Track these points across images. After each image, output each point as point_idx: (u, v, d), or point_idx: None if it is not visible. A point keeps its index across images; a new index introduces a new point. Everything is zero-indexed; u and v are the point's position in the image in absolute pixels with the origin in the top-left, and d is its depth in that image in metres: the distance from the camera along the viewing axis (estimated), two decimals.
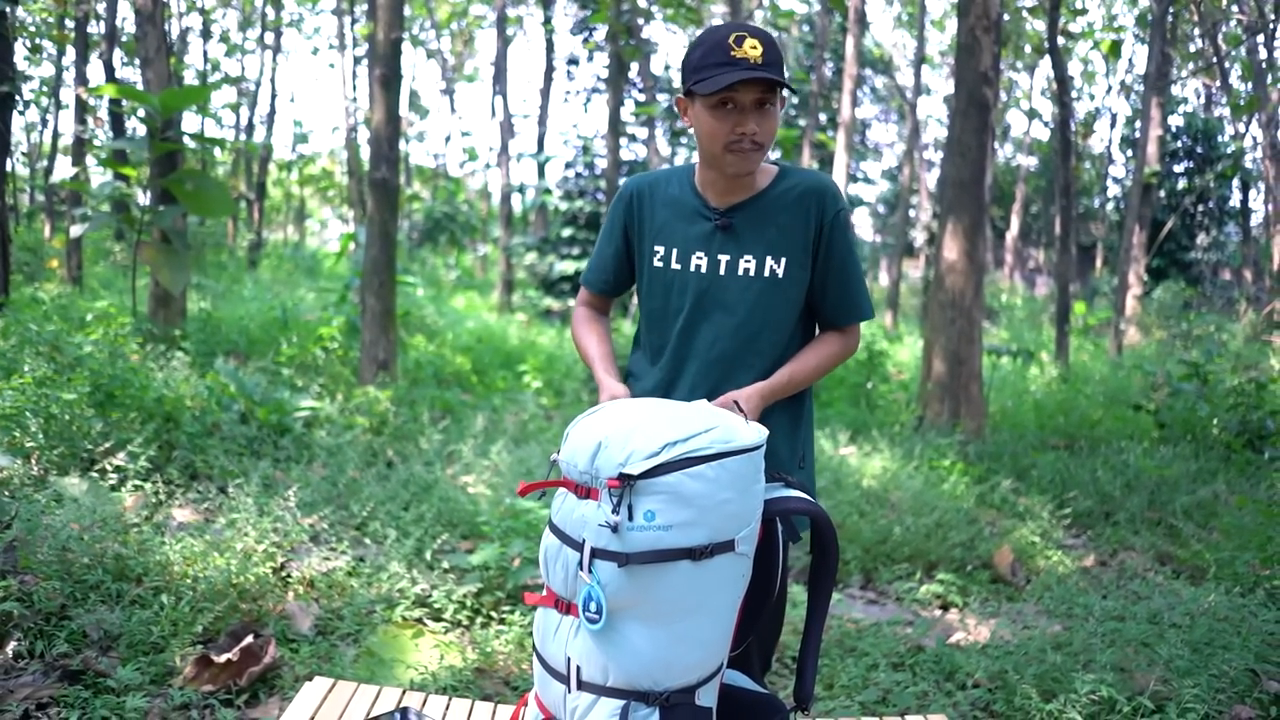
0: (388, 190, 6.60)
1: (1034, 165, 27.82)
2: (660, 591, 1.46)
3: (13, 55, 6.83)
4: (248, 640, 2.72)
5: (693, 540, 1.45)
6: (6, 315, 5.50)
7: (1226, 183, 19.46)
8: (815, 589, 1.75)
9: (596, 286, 2.10)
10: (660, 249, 1.95)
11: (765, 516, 1.60)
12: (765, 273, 1.88)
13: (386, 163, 6.61)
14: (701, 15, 14.08)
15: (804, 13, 21.85)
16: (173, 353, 5.83)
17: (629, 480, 1.43)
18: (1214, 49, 14.98)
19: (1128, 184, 20.27)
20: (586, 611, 1.46)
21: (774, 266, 1.88)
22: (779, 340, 1.93)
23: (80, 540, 2.98)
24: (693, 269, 1.91)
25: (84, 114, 13.12)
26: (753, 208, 1.90)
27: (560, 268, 15.20)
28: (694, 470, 1.45)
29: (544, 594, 1.59)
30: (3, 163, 6.47)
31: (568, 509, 1.53)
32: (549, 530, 1.58)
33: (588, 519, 1.47)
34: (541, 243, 16.36)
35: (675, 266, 1.93)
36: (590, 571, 1.46)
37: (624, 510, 1.43)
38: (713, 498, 1.46)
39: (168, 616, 2.79)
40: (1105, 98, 26.97)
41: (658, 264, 1.96)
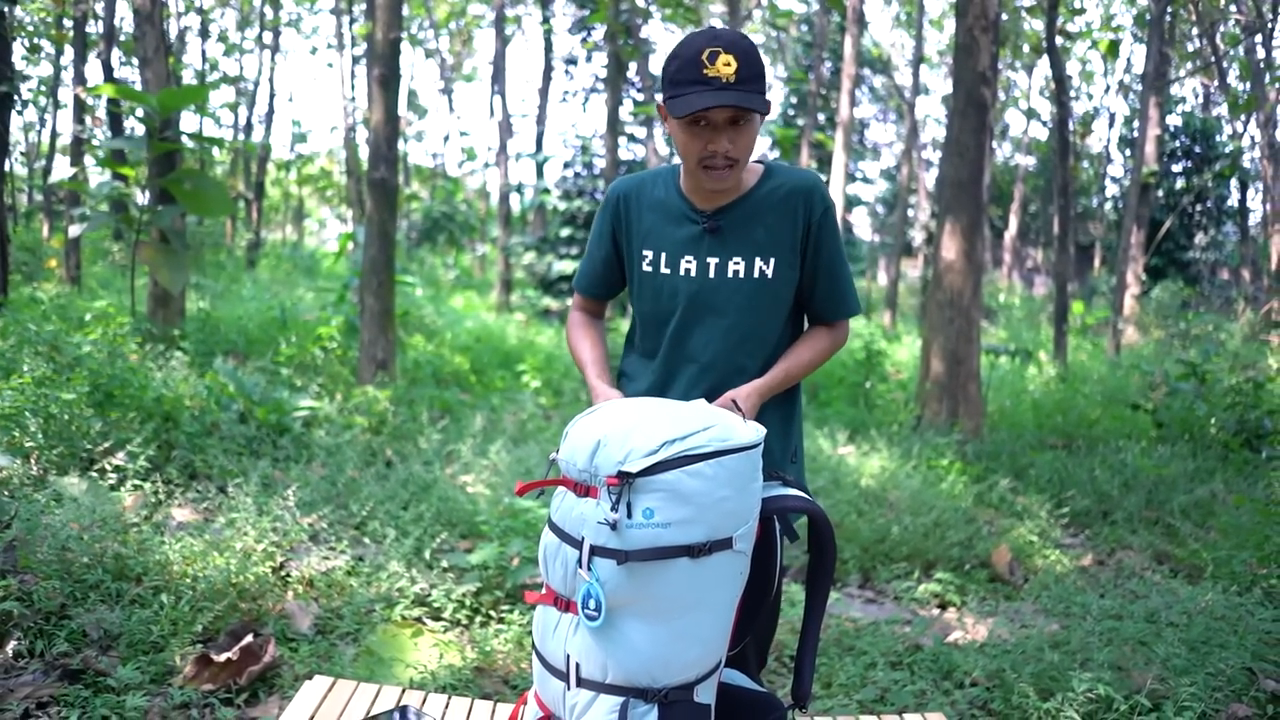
0: (386, 190, 6.60)
1: (1032, 165, 27.85)
2: (659, 589, 1.47)
3: (11, 55, 6.82)
4: (247, 639, 2.72)
5: (691, 538, 1.46)
6: (5, 315, 5.49)
7: (1224, 182, 19.47)
8: (813, 587, 1.76)
9: (589, 291, 2.11)
10: (649, 253, 1.95)
11: (763, 515, 1.61)
12: (755, 274, 1.89)
13: (385, 162, 6.61)
14: (700, 15, 14.08)
15: (802, 12, 21.88)
16: (171, 352, 5.84)
17: (628, 478, 1.44)
18: (1212, 48, 15.00)
19: (1126, 183, 20.26)
20: (585, 609, 1.47)
21: (763, 267, 1.89)
22: (770, 339, 1.93)
23: (80, 540, 2.98)
24: (682, 273, 1.91)
25: (82, 114, 13.11)
26: (740, 209, 1.89)
27: (559, 267, 15.21)
28: (692, 468, 1.46)
29: (543, 592, 1.60)
30: (1, 162, 6.47)
31: (567, 507, 1.54)
32: (548, 528, 1.59)
33: (587, 517, 1.48)
34: (540, 242, 16.36)
35: (665, 271, 1.93)
36: (589, 569, 1.47)
37: (623, 508, 1.44)
38: (711, 495, 1.47)
39: (167, 616, 2.80)
40: (1103, 97, 27.01)
41: (647, 269, 1.96)
